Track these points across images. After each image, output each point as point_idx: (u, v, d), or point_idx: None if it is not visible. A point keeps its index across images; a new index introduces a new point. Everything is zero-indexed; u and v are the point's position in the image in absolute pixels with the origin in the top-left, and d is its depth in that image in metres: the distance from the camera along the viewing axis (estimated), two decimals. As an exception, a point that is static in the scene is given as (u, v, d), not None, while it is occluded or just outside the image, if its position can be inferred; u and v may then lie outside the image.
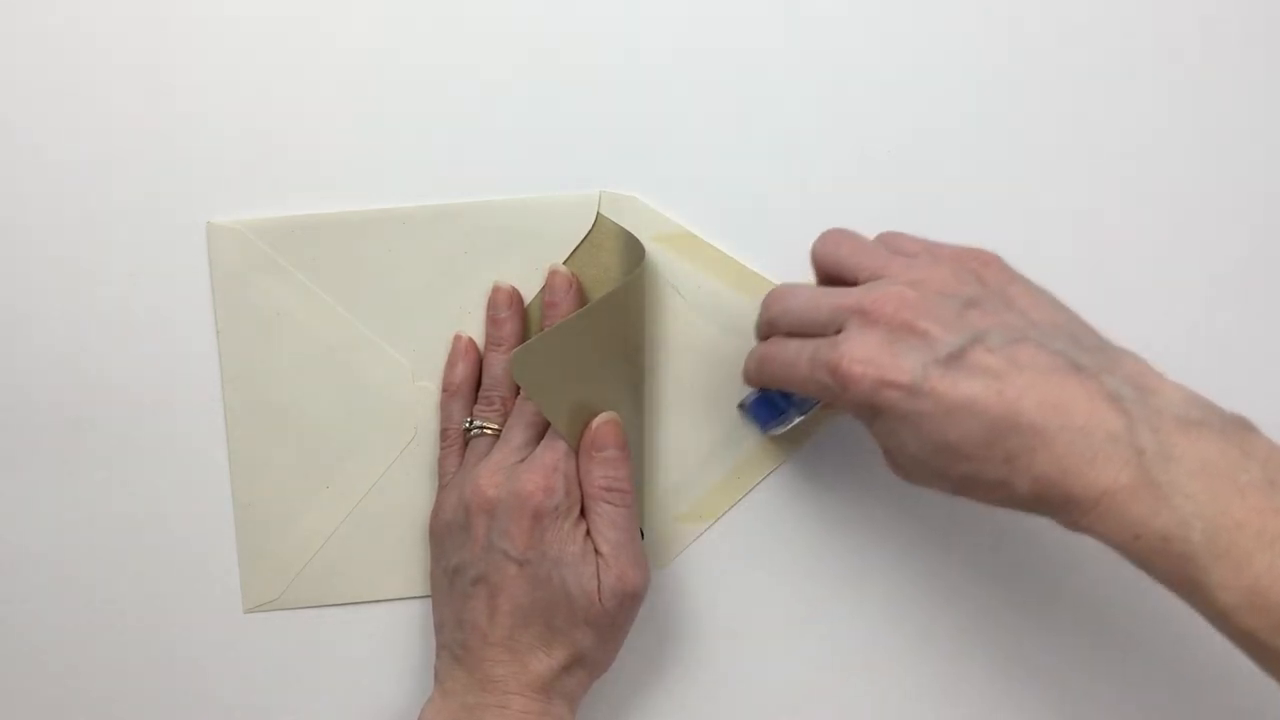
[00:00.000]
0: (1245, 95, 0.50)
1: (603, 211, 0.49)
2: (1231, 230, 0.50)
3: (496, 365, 0.48)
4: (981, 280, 0.39)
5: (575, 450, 0.45)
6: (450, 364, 0.49)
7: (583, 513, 0.45)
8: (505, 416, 0.47)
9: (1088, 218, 0.50)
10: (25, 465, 0.49)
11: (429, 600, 0.48)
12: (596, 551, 0.44)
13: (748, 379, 0.45)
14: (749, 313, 0.48)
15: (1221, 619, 0.35)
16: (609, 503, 0.45)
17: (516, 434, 0.46)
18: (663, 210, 0.49)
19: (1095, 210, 0.50)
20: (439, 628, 0.46)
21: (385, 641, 0.50)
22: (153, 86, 0.49)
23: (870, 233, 0.49)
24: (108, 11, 0.48)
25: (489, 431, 0.47)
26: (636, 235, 0.48)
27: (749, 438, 0.49)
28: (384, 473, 0.50)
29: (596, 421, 0.45)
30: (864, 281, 0.40)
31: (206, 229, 0.49)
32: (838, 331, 0.39)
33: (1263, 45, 0.50)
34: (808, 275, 0.49)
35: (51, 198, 0.49)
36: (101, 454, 0.49)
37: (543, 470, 0.44)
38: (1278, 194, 0.50)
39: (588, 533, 0.45)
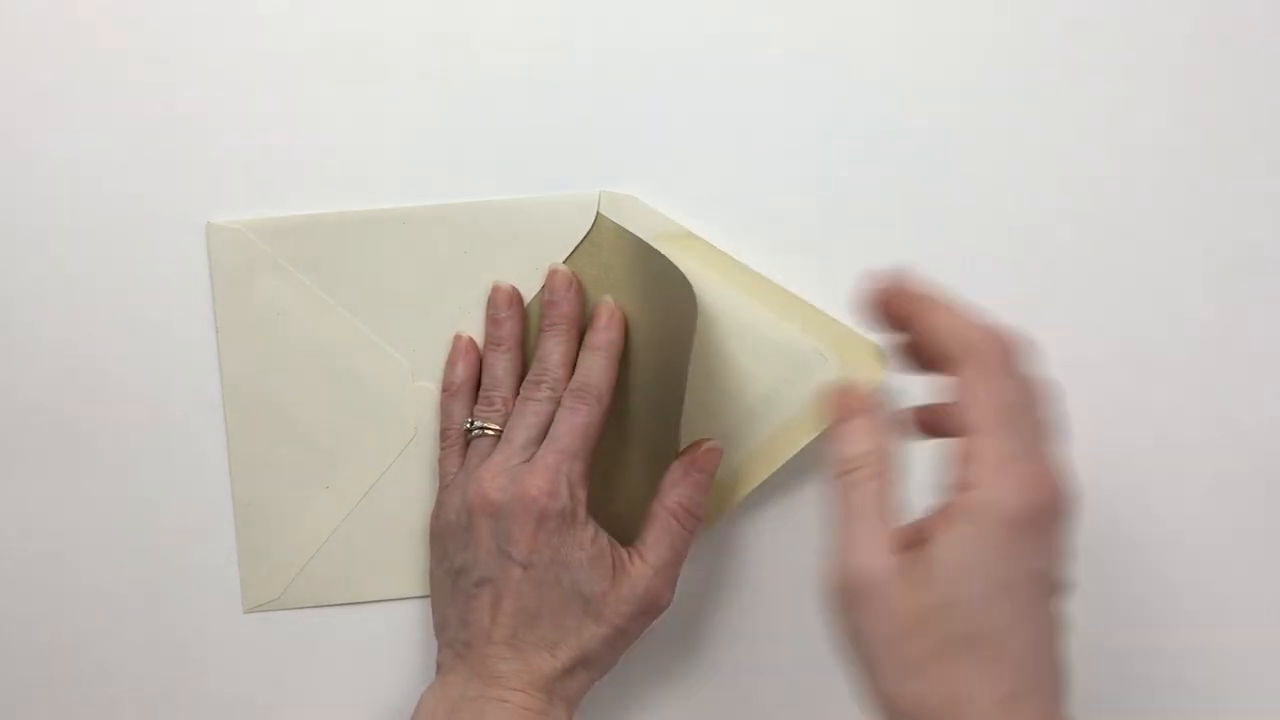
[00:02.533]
0: (1244, 95, 0.50)
1: (603, 211, 0.49)
2: (1230, 230, 0.50)
3: (497, 365, 0.48)
4: None
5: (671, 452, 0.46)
6: (450, 364, 0.49)
7: (588, 514, 0.45)
8: (506, 417, 0.47)
9: (1087, 217, 0.50)
10: (25, 465, 0.49)
11: (429, 600, 0.48)
12: (641, 558, 0.45)
13: None
14: (746, 312, 0.48)
15: None
16: (679, 522, 0.46)
17: (519, 434, 0.46)
18: (663, 210, 0.49)
19: (1095, 209, 0.50)
20: (441, 627, 0.46)
21: (385, 641, 0.50)
22: (153, 86, 0.48)
23: (870, 233, 0.50)
24: (107, 11, 0.48)
25: (490, 432, 0.47)
26: (637, 235, 0.48)
27: (749, 440, 0.49)
28: (384, 473, 0.50)
29: (707, 445, 0.47)
30: None
31: (206, 229, 0.49)
32: None
33: (1261, 44, 0.50)
34: (807, 274, 0.49)
35: (51, 198, 0.49)
36: (101, 454, 0.49)
37: (546, 472, 0.44)
38: (1276, 193, 0.50)
39: (595, 534, 0.45)
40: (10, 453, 0.49)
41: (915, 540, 0.33)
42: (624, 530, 0.46)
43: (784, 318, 0.48)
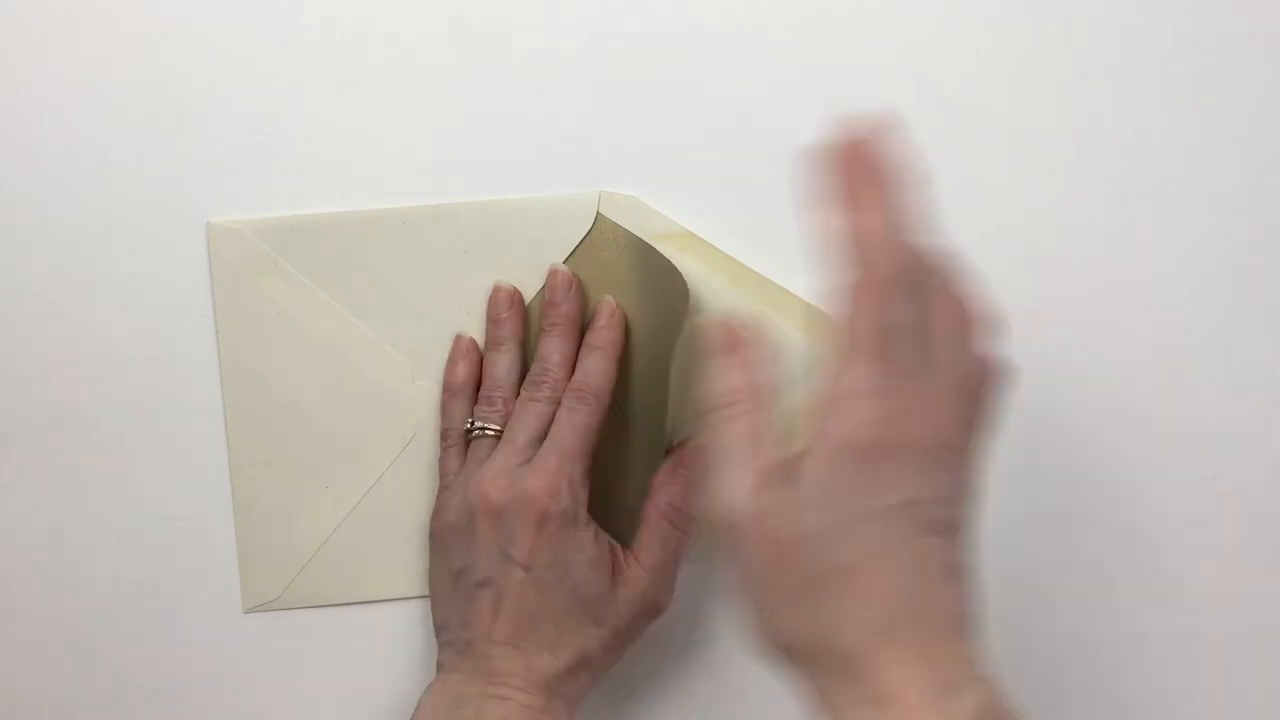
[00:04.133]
0: (1241, 94, 0.50)
1: (603, 211, 0.49)
2: (1227, 230, 0.50)
3: (498, 365, 0.48)
4: None
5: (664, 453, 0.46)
6: (451, 363, 0.49)
7: (590, 515, 0.45)
8: (507, 417, 0.47)
9: (1086, 218, 0.50)
10: (25, 465, 0.49)
11: (429, 600, 0.48)
12: (637, 560, 0.45)
13: None
14: (744, 312, 0.48)
15: None
16: (672, 523, 0.45)
17: (519, 435, 0.46)
18: (663, 210, 0.49)
19: (1093, 210, 0.50)
20: (442, 627, 0.46)
21: (385, 641, 0.50)
22: (153, 86, 0.48)
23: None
24: (108, 11, 0.48)
25: (491, 432, 0.47)
26: (636, 235, 0.48)
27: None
28: (384, 473, 0.50)
29: (694, 443, 0.46)
30: None
31: (206, 229, 0.49)
32: None
33: (1263, 43, 0.50)
34: (807, 275, 0.49)
35: (51, 197, 0.49)
36: (101, 453, 0.49)
37: (548, 474, 0.44)
38: (1272, 192, 0.50)
39: (596, 535, 0.45)
40: (10, 452, 0.49)
41: (789, 474, 0.33)
42: (625, 531, 0.46)
43: (784, 318, 0.48)
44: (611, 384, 0.47)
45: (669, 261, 0.47)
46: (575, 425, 0.45)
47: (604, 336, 0.47)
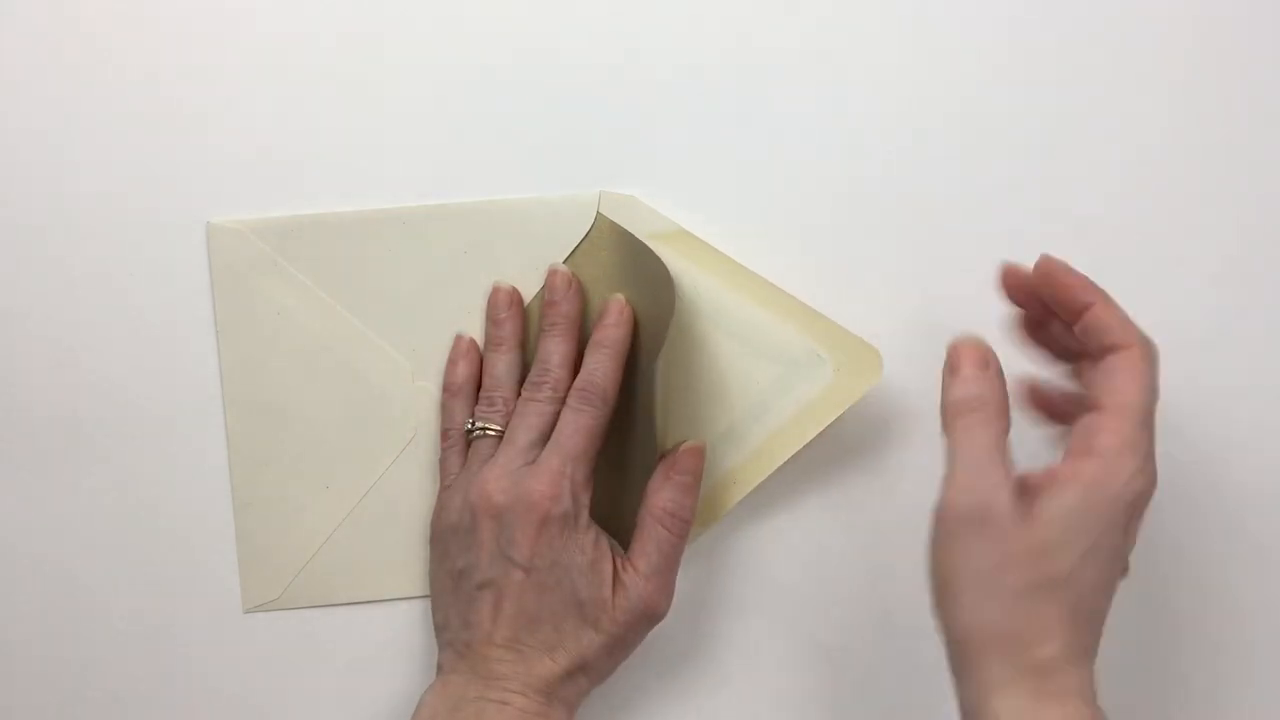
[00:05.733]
0: (1244, 95, 0.50)
1: (603, 211, 0.49)
2: (1228, 230, 0.50)
3: (498, 366, 0.48)
4: None
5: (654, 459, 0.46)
6: (451, 363, 0.49)
7: (592, 517, 0.45)
8: (507, 417, 0.47)
9: (1086, 220, 0.50)
10: (25, 465, 0.49)
11: (429, 600, 0.48)
12: (633, 566, 0.45)
13: None
14: (743, 312, 0.48)
15: None
16: (665, 527, 0.45)
17: (521, 436, 0.46)
18: (663, 210, 0.49)
19: (1094, 213, 0.50)
20: (442, 627, 0.46)
21: (385, 641, 0.50)
22: (153, 86, 0.48)
23: (870, 234, 0.50)
24: (108, 11, 0.48)
25: (491, 432, 0.47)
26: (635, 235, 0.48)
27: (746, 443, 0.49)
28: (384, 473, 0.50)
29: (685, 446, 0.46)
30: None
31: (206, 229, 0.49)
32: None
33: (1261, 44, 0.50)
34: (806, 276, 0.49)
35: (51, 197, 0.49)
36: (101, 454, 0.49)
37: (550, 476, 0.44)
38: (1272, 194, 0.50)
39: (597, 539, 0.45)
40: (10, 452, 0.49)
41: (1021, 488, 0.37)
42: (628, 535, 0.46)
43: (781, 319, 0.48)
44: (617, 384, 0.47)
45: (661, 262, 0.47)
46: (579, 426, 0.45)
47: (611, 334, 0.47)
